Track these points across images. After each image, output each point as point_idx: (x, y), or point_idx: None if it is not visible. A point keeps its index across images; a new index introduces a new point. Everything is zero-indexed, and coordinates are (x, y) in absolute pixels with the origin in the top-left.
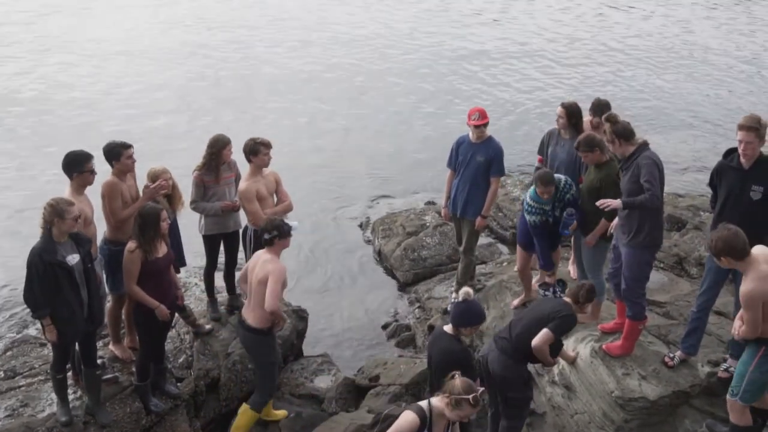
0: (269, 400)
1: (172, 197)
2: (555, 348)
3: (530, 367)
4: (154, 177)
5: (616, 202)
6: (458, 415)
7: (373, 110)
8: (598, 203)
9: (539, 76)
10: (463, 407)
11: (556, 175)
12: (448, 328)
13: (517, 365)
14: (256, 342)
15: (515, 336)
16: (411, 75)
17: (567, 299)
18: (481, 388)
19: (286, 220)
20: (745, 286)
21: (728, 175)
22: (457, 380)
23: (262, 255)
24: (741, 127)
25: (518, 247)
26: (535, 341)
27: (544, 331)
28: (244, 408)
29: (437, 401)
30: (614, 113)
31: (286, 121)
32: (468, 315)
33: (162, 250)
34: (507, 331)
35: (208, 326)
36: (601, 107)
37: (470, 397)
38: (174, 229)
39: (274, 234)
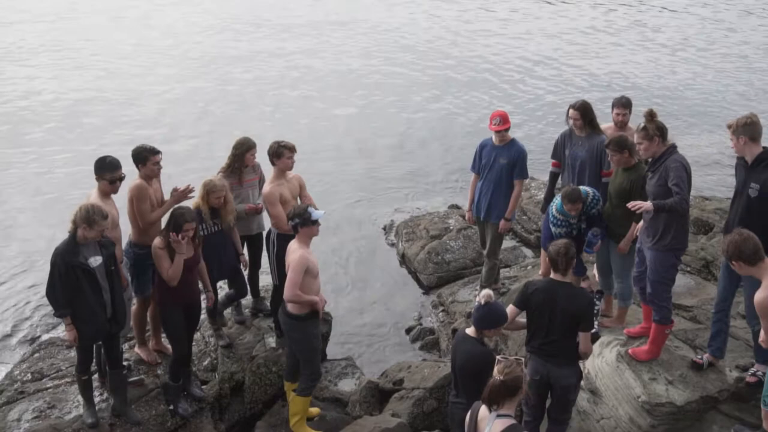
0: (314, 385)
1: (222, 210)
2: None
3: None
4: (211, 190)
5: (647, 205)
6: None
7: (397, 114)
8: (629, 205)
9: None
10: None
11: (582, 188)
12: (470, 330)
13: (576, 366)
14: (295, 327)
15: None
16: (437, 78)
17: (569, 280)
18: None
19: (310, 209)
20: (760, 293)
21: (739, 170)
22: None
23: (291, 244)
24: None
25: (542, 252)
26: (585, 348)
27: (585, 335)
28: (293, 396)
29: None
30: (653, 108)
31: (309, 123)
32: (490, 317)
33: (189, 251)
34: (544, 337)
35: (222, 342)
36: (630, 102)
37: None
38: (225, 243)
39: (296, 221)
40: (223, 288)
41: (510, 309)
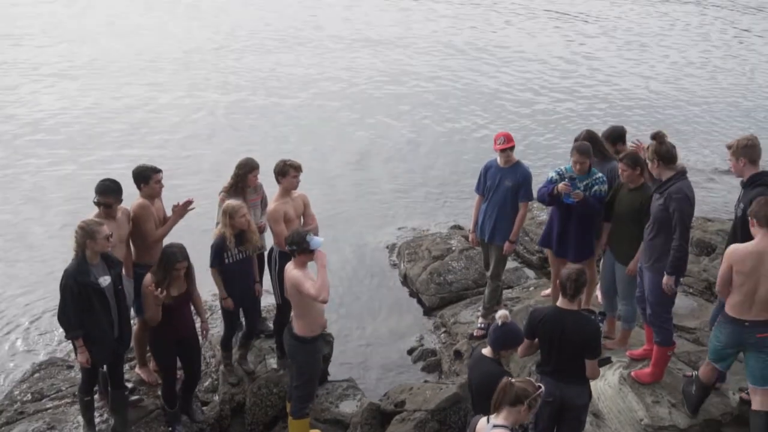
0: (307, 405)
1: (248, 232)
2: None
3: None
4: (232, 213)
5: (668, 280)
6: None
7: (400, 133)
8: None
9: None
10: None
11: (595, 170)
12: (487, 351)
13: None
14: (298, 349)
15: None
16: (440, 97)
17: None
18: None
19: (310, 236)
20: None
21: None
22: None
23: (288, 265)
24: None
25: (549, 254)
26: (591, 375)
27: (591, 363)
28: (290, 420)
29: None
30: (662, 132)
31: (312, 141)
32: (506, 337)
33: (179, 288)
34: (556, 362)
35: (231, 379)
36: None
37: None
38: (250, 271)
39: (293, 248)
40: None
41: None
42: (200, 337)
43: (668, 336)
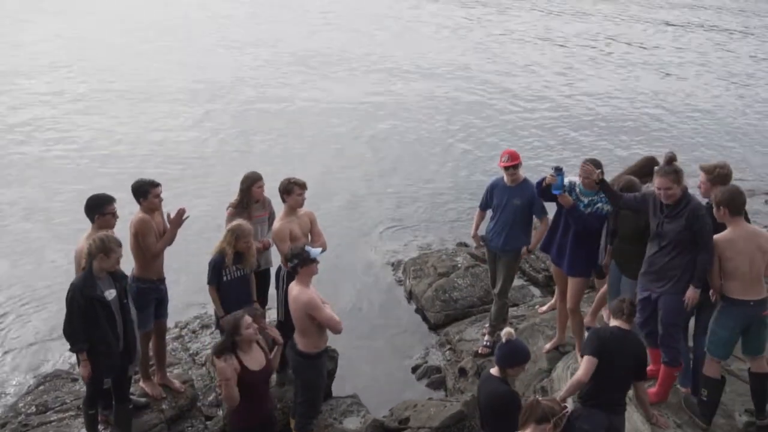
0: (311, 421)
1: (246, 253)
2: None
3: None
4: (239, 235)
5: (694, 294)
6: None
7: (405, 150)
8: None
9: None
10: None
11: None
12: (494, 370)
13: None
14: (303, 365)
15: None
16: (450, 115)
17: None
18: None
19: (307, 248)
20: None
21: None
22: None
23: (293, 287)
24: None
25: (553, 267)
26: (644, 396)
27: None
28: None
29: None
30: (673, 152)
31: (317, 158)
32: (512, 355)
33: (258, 361)
34: (612, 389)
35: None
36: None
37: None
38: (248, 290)
39: (295, 262)
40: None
41: (588, 361)
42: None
43: (677, 356)
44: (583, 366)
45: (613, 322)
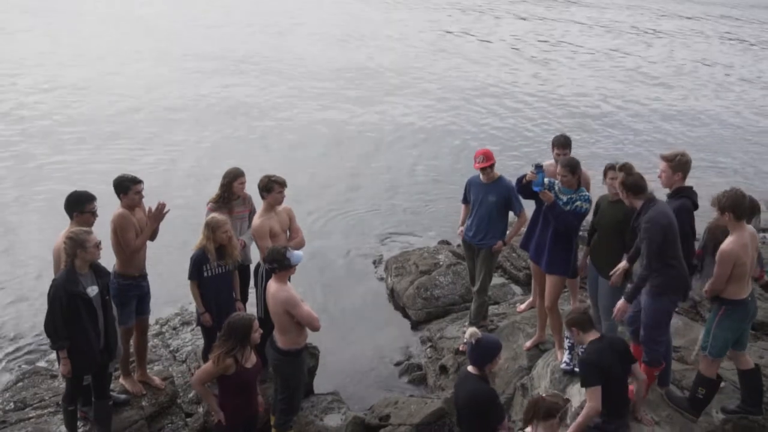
0: (291, 418)
1: (228, 246)
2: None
3: None
4: (215, 227)
5: (624, 307)
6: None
7: (387, 148)
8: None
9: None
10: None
11: (583, 189)
12: (472, 368)
13: None
14: (283, 363)
15: None
16: (429, 111)
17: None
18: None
19: (289, 252)
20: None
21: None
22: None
23: (271, 285)
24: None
25: (532, 264)
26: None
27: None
28: None
29: None
30: (629, 163)
31: (299, 156)
32: (482, 352)
33: (251, 359)
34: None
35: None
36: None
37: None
38: (229, 287)
39: (273, 266)
40: None
41: (596, 391)
42: None
43: (658, 357)
44: (591, 398)
45: (588, 337)
